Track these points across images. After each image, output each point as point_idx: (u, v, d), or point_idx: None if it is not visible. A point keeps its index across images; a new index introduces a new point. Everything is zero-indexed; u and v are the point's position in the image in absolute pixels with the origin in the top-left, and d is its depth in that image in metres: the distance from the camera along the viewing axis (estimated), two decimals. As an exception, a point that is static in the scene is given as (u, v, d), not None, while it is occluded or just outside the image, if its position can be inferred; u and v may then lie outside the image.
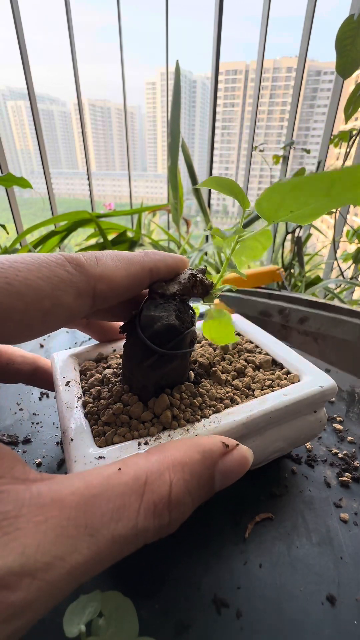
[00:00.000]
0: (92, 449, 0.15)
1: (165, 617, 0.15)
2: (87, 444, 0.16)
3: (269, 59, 40.81)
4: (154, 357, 0.16)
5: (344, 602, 0.16)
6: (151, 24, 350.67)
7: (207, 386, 0.20)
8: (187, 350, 0.18)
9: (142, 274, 0.17)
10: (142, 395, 0.18)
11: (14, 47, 1.18)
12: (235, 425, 0.17)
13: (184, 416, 0.17)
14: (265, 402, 0.18)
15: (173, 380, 0.18)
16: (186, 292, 0.18)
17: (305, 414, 0.20)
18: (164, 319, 0.16)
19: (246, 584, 0.17)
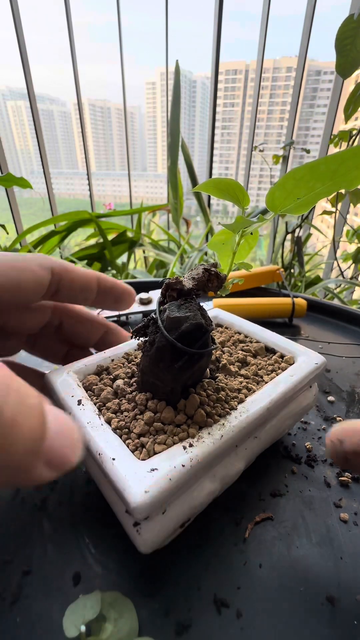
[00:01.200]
0: (140, 463, 0.15)
1: (165, 617, 0.15)
2: (131, 460, 0.15)
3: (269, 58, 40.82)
4: (184, 358, 0.16)
5: (344, 602, 0.16)
6: (151, 24, 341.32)
7: (223, 380, 0.20)
8: (214, 347, 0.18)
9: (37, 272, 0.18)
10: (169, 399, 0.18)
11: (14, 47, 1.18)
12: (262, 411, 0.18)
13: (215, 412, 0.18)
14: (278, 385, 0.20)
15: (197, 378, 0.19)
16: (201, 287, 0.17)
17: (305, 390, 0.23)
18: (191, 319, 0.16)
19: (246, 584, 0.17)
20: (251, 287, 0.52)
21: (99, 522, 0.19)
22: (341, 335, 0.43)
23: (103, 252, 1.07)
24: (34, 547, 0.18)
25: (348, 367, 0.35)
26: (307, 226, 1.10)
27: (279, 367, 0.23)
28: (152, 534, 0.15)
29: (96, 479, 0.18)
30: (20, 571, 0.17)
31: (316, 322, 0.46)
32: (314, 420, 0.28)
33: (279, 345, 0.25)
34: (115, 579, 0.16)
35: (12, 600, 0.16)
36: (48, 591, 0.16)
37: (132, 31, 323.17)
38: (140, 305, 0.43)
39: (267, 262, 1.49)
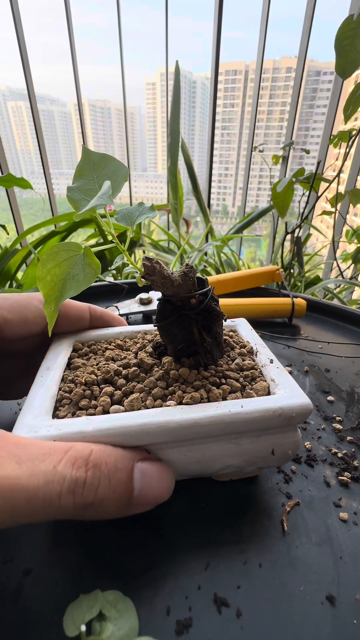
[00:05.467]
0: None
1: (166, 617, 0.15)
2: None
3: (268, 59, 40.91)
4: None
5: (343, 601, 0.16)
6: (151, 24, 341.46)
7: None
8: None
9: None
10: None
11: (14, 47, 1.18)
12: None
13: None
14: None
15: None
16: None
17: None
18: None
19: (246, 583, 0.17)
20: (251, 287, 0.52)
21: (100, 522, 0.19)
22: (341, 335, 0.43)
23: (103, 253, 1.07)
24: (34, 547, 0.18)
25: (347, 367, 0.36)
26: (307, 226, 1.11)
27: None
28: None
29: None
30: (21, 570, 0.17)
31: (316, 322, 0.46)
32: (314, 420, 0.28)
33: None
34: (116, 579, 0.17)
35: (13, 599, 0.16)
36: (48, 590, 0.16)
37: (132, 32, 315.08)
38: (140, 305, 0.43)
39: (266, 262, 1.49)
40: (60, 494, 0.13)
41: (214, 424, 0.16)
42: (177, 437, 0.17)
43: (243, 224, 1.28)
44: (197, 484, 0.21)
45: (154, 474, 0.16)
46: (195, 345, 0.19)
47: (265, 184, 1.44)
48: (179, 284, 0.18)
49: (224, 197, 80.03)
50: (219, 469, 0.19)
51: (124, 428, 0.16)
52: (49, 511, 0.13)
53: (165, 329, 0.20)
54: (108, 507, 0.14)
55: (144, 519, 0.19)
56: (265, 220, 1.41)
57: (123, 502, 0.15)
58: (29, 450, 0.13)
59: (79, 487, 0.13)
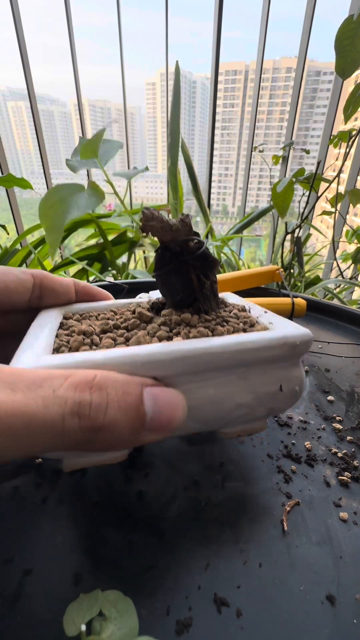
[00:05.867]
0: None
1: (166, 617, 0.15)
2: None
3: (268, 59, 40.87)
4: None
5: (343, 601, 0.16)
6: (151, 24, 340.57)
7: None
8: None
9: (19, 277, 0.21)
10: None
11: (14, 47, 1.18)
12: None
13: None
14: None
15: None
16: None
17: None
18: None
19: (246, 583, 0.17)
20: (251, 287, 0.52)
21: (100, 521, 0.19)
22: (341, 335, 0.43)
23: (103, 253, 1.07)
24: (34, 547, 0.18)
25: (347, 367, 0.36)
26: (307, 226, 1.11)
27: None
28: None
29: None
30: (21, 570, 0.17)
31: (316, 322, 0.46)
32: (314, 420, 0.28)
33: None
34: (116, 578, 0.17)
35: (13, 599, 0.16)
36: (48, 590, 0.16)
37: (132, 32, 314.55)
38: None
39: (266, 262, 1.49)
40: (64, 417, 0.12)
41: (223, 352, 0.16)
42: (188, 367, 0.16)
43: (243, 224, 1.28)
44: (197, 484, 0.21)
45: (165, 397, 0.15)
46: (195, 293, 0.20)
47: (265, 184, 1.44)
48: (177, 228, 0.18)
49: (224, 197, 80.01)
50: (231, 409, 0.18)
51: (134, 356, 0.15)
52: (52, 437, 0.12)
53: (163, 278, 0.20)
54: (121, 432, 0.13)
55: (144, 519, 0.19)
56: (265, 220, 1.41)
57: (136, 426, 0.14)
58: (25, 377, 0.12)
59: (84, 408, 0.13)
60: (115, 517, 0.19)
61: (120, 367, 0.15)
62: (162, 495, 0.21)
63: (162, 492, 0.21)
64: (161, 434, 0.15)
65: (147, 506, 0.20)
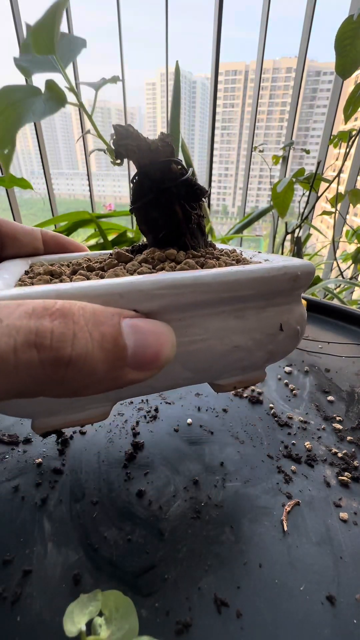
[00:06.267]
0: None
1: (165, 617, 0.15)
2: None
3: (268, 59, 40.93)
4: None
5: (343, 601, 0.16)
6: (151, 24, 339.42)
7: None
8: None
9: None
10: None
11: (14, 47, 1.18)
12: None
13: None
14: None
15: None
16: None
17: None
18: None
19: (246, 583, 0.17)
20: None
21: (100, 521, 0.19)
22: (341, 335, 0.43)
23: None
24: (34, 547, 0.18)
25: (348, 366, 0.36)
26: (307, 226, 1.11)
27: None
28: None
29: None
30: (21, 571, 0.17)
31: (316, 322, 0.46)
32: (314, 420, 0.28)
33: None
34: (116, 578, 0.17)
35: (13, 599, 0.16)
36: (48, 590, 0.16)
37: (132, 31, 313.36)
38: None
39: (267, 263, 1.49)
40: (15, 349, 0.10)
41: (216, 283, 0.14)
42: (176, 300, 0.14)
43: (243, 224, 1.28)
44: (197, 484, 0.21)
45: (148, 328, 0.12)
46: (179, 227, 0.17)
47: (265, 184, 1.44)
48: (156, 147, 0.15)
49: (224, 197, 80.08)
50: (225, 352, 0.16)
51: (112, 286, 0.13)
52: (5, 373, 0.10)
53: (142, 211, 0.17)
54: (96, 366, 0.11)
55: (144, 519, 0.19)
56: (265, 220, 1.41)
57: (115, 360, 0.11)
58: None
59: (42, 338, 0.10)
60: (115, 517, 0.19)
61: (93, 299, 0.12)
62: (162, 495, 0.21)
63: (162, 492, 0.21)
64: (147, 371, 0.12)
65: (147, 506, 0.20)
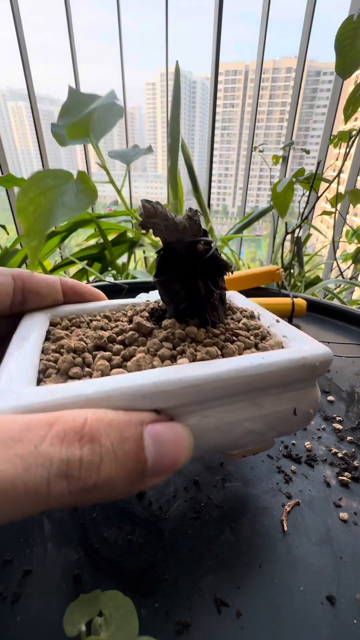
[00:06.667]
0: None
1: (165, 617, 0.15)
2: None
3: (268, 59, 40.93)
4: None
5: (343, 601, 0.16)
6: (151, 24, 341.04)
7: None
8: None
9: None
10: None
11: (14, 47, 1.18)
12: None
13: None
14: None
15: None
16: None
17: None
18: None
19: (246, 583, 0.17)
20: (251, 287, 0.52)
21: (100, 521, 0.19)
22: (341, 335, 0.43)
23: (103, 253, 1.07)
24: (34, 547, 0.18)
25: (348, 367, 0.36)
26: (307, 226, 1.10)
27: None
28: None
29: None
30: (21, 570, 0.17)
31: (316, 322, 0.46)
32: (314, 420, 0.28)
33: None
34: (116, 579, 0.17)
35: (13, 599, 0.16)
36: (48, 590, 0.16)
37: (133, 32, 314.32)
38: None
39: (266, 262, 1.49)
40: (49, 481, 0.10)
41: (236, 378, 0.14)
42: (196, 396, 0.14)
43: (243, 224, 1.28)
44: (197, 484, 0.21)
45: (168, 436, 0.13)
46: (201, 302, 0.17)
47: (265, 184, 1.44)
48: (184, 226, 0.16)
49: (224, 197, 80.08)
50: (239, 436, 0.16)
51: (135, 388, 0.13)
52: (35, 504, 0.10)
53: (166, 284, 0.17)
54: (117, 486, 0.12)
55: (144, 519, 0.19)
56: (265, 220, 1.41)
57: (135, 477, 0.12)
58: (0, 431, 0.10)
59: (73, 468, 0.10)
60: (115, 517, 0.19)
61: (117, 402, 0.13)
62: (162, 495, 0.21)
63: (162, 492, 0.21)
64: (162, 477, 0.13)
65: (147, 506, 0.20)
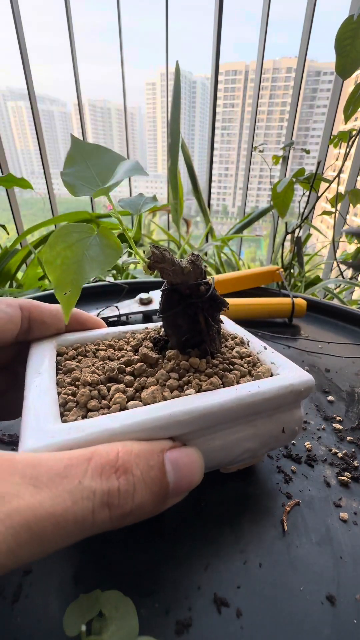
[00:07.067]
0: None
1: (165, 617, 0.15)
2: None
3: (268, 59, 40.95)
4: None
5: (343, 601, 0.16)
6: (151, 24, 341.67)
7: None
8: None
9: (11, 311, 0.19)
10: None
11: (14, 47, 1.18)
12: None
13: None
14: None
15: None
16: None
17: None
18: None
19: (246, 583, 0.17)
20: (251, 287, 0.52)
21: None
22: (341, 335, 0.43)
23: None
24: (34, 547, 0.18)
25: (348, 367, 0.36)
26: (307, 226, 1.11)
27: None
28: None
29: None
30: (21, 570, 0.17)
31: (316, 322, 0.46)
32: (314, 420, 0.28)
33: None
34: (116, 579, 0.17)
35: (13, 599, 0.16)
36: (48, 590, 0.16)
37: (133, 31, 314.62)
38: (140, 305, 0.43)
39: (266, 262, 1.49)
40: (93, 511, 0.11)
41: (237, 406, 0.17)
42: (205, 423, 0.16)
43: (243, 224, 1.28)
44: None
45: (184, 461, 0.15)
46: (201, 334, 0.20)
47: (265, 184, 1.44)
48: (188, 271, 0.18)
49: (224, 197, 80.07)
50: (239, 454, 0.19)
51: (154, 420, 0.15)
52: (82, 531, 0.11)
53: (170, 319, 0.19)
54: (146, 509, 0.13)
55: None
56: (265, 220, 1.41)
57: (160, 500, 0.14)
58: (45, 468, 0.11)
59: (113, 498, 0.12)
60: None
61: (139, 433, 0.15)
62: (162, 495, 0.21)
63: (162, 492, 0.21)
64: (180, 498, 0.15)
65: (147, 506, 0.20)
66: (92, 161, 0.19)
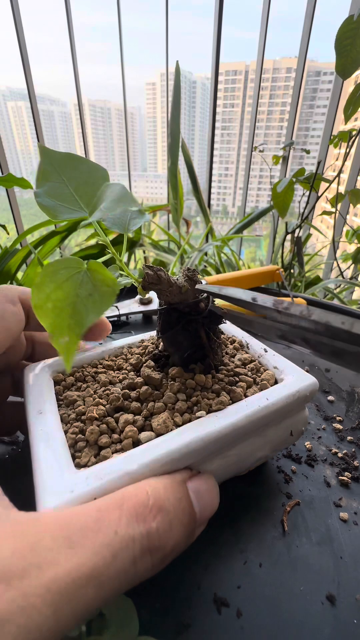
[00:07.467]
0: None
1: (166, 617, 0.15)
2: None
3: (268, 59, 40.99)
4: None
5: (343, 601, 0.16)
6: (151, 24, 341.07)
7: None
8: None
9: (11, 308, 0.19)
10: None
11: (14, 47, 1.18)
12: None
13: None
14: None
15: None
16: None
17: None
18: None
19: (246, 583, 0.17)
20: (251, 287, 0.52)
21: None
22: (341, 336, 0.43)
23: (103, 253, 1.07)
24: (34, 547, 0.18)
25: (348, 367, 0.36)
26: (307, 226, 1.11)
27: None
28: None
29: None
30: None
31: (316, 322, 0.46)
32: (314, 420, 0.28)
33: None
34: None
35: (13, 599, 0.16)
36: (48, 590, 0.16)
37: (133, 32, 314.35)
38: (140, 305, 0.43)
39: (267, 262, 1.49)
40: (134, 560, 0.11)
41: (249, 422, 0.17)
42: (220, 445, 0.16)
43: (243, 224, 1.28)
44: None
45: (205, 488, 0.15)
46: (202, 349, 0.19)
47: (265, 184, 1.44)
48: (186, 289, 0.18)
49: (224, 197, 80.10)
50: (251, 463, 0.19)
51: (170, 454, 0.14)
52: (125, 583, 0.11)
53: (170, 338, 0.19)
54: (181, 544, 0.13)
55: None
56: (265, 220, 1.41)
57: (191, 531, 0.13)
58: (75, 525, 0.10)
59: (153, 540, 0.11)
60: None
61: (159, 469, 0.14)
62: (162, 495, 0.21)
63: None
64: (204, 526, 0.15)
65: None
66: (67, 173, 0.18)
